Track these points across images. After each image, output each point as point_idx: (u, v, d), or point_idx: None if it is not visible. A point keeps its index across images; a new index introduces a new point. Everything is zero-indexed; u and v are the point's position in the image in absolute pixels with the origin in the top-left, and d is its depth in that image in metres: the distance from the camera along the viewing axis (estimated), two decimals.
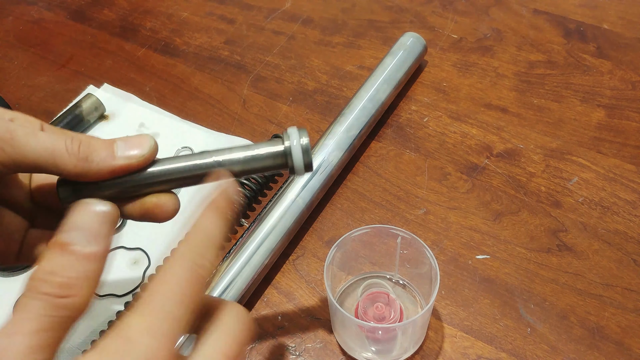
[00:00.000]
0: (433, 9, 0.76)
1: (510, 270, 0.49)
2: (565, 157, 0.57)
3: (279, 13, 0.78)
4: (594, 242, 0.51)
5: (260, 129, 0.63)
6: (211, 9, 0.80)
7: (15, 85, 0.72)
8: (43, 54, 0.76)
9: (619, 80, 0.64)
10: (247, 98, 0.67)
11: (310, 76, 0.69)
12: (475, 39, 0.71)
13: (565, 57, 0.67)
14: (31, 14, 0.83)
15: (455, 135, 0.60)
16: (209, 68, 0.71)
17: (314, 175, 0.53)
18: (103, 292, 0.49)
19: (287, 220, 0.51)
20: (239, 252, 0.48)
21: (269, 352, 0.46)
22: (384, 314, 0.44)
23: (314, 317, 0.48)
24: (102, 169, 0.29)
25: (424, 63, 0.69)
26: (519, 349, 0.45)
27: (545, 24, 0.72)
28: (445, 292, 0.48)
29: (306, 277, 0.51)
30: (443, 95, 0.65)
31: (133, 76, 0.71)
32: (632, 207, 0.53)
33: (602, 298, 0.47)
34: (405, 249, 0.45)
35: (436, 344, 0.46)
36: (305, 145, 0.31)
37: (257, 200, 0.57)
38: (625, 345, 0.44)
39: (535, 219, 0.53)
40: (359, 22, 0.75)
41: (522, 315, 0.47)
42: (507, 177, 0.56)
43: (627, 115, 0.61)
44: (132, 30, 0.78)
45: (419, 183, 0.56)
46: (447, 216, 0.53)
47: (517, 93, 0.64)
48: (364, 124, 0.58)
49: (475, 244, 0.51)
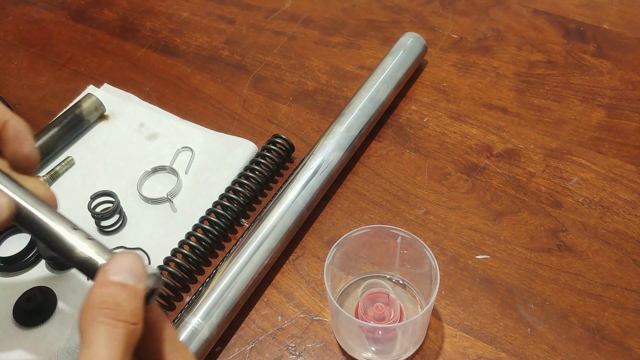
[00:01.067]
0: (433, 9, 0.76)
1: (510, 270, 0.49)
2: (565, 157, 0.57)
3: (279, 13, 0.78)
4: (594, 242, 0.51)
5: (260, 128, 0.63)
6: (211, 9, 0.80)
7: (15, 85, 0.72)
8: (43, 54, 0.76)
9: (619, 80, 0.64)
10: (247, 98, 0.67)
11: (310, 76, 0.69)
12: (475, 39, 0.71)
13: (565, 57, 0.67)
14: (31, 14, 0.83)
15: (455, 135, 0.60)
16: (209, 68, 0.71)
17: (314, 175, 0.53)
18: None
19: (287, 220, 0.51)
20: (239, 252, 0.48)
21: (269, 352, 0.46)
22: (384, 314, 0.44)
23: (314, 317, 0.48)
24: None
25: (424, 63, 0.69)
26: (519, 349, 0.45)
27: (545, 24, 0.72)
28: (445, 292, 0.48)
29: (306, 277, 0.51)
30: (443, 95, 0.65)
31: (133, 76, 0.71)
32: (632, 207, 0.53)
33: (602, 298, 0.47)
34: (405, 249, 0.45)
35: (436, 344, 0.46)
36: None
37: (257, 200, 0.57)
38: (625, 345, 0.44)
39: (536, 219, 0.53)
40: (359, 22, 0.75)
41: (522, 315, 0.47)
42: (507, 177, 0.56)
43: (627, 115, 0.61)
44: (132, 30, 0.78)
45: (419, 183, 0.56)
46: (447, 216, 0.53)
47: (517, 93, 0.64)
48: (364, 124, 0.58)
49: (475, 244, 0.51)
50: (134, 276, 0.28)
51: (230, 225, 0.53)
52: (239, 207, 0.54)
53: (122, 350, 0.26)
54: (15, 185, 0.30)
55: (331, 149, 0.55)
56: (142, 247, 0.53)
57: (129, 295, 0.27)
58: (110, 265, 0.28)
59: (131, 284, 0.28)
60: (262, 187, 0.56)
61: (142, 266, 0.29)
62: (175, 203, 0.56)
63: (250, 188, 0.55)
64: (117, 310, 0.26)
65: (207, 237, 0.51)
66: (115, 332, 0.26)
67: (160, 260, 0.50)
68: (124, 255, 0.29)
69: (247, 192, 0.55)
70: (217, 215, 0.53)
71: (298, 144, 0.61)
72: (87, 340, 0.26)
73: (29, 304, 0.48)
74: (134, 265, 0.28)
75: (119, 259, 0.29)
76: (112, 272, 0.28)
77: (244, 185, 0.55)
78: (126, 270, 0.28)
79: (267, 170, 0.56)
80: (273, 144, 0.58)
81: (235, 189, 0.55)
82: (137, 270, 0.28)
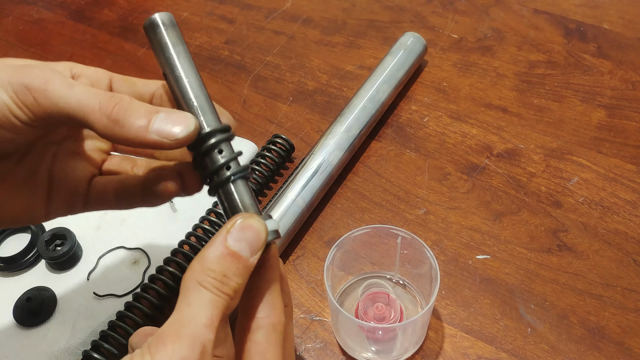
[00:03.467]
0: (433, 8, 0.76)
1: (511, 270, 0.49)
2: (565, 157, 0.57)
3: (279, 13, 0.78)
4: (594, 242, 0.51)
5: (260, 128, 0.63)
6: (211, 9, 0.80)
7: None
8: (43, 54, 0.76)
9: (619, 80, 0.64)
10: (247, 98, 0.67)
11: (310, 76, 0.69)
12: (476, 39, 0.71)
13: (565, 57, 0.67)
14: (31, 14, 0.83)
15: (455, 135, 0.60)
16: (209, 68, 0.71)
17: (314, 175, 0.53)
18: (103, 292, 0.49)
19: (287, 220, 0.51)
20: None
21: None
22: (384, 314, 0.44)
23: (314, 317, 0.48)
24: (132, 138, 0.28)
25: (424, 63, 0.69)
26: (519, 349, 0.45)
27: (546, 23, 0.72)
28: (446, 292, 0.48)
29: (306, 277, 0.51)
30: (443, 95, 0.65)
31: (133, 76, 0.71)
32: (632, 207, 0.53)
33: (602, 298, 0.47)
34: (406, 249, 0.45)
35: (436, 344, 0.46)
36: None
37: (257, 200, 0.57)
38: (625, 345, 0.44)
39: (536, 219, 0.53)
40: (359, 22, 0.75)
41: (522, 315, 0.47)
42: (507, 177, 0.56)
43: (627, 115, 0.61)
44: (132, 30, 0.78)
45: (419, 183, 0.56)
46: (447, 216, 0.53)
47: (518, 93, 0.64)
48: (364, 124, 0.58)
49: (476, 244, 0.51)
50: (251, 249, 0.28)
51: None
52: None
53: (219, 318, 0.26)
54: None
55: (331, 149, 0.55)
56: (142, 247, 0.53)
57: (238, 269, 0.27)
58: (234, 229, 0.28)
59: (245, 256, 0.28)
60: (262, 187, 0.56)
61: (263, 240, 0.28)
62: (175, 203, 0.56)
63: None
64: (223, 281, 0.27)
65: (207, 237, 0.51)
66: (217, 301, 0.26)
67: (160, 261, 0.50)
68: (251, 225, 0.28)
69: None
70: (217, 215, 0.53)
71: (298, 144, 0.61)
72: (188, 300, 0.26)
73: (29, 304, 0.48)
74: (256, 239, 0.28)
75: (245, 226, 0.28)
76: (233, 237, 0.28)
77: None
78: (246, 240, 0.28)
79: (267, 170, 0.56)
80: (273, 144, 0.58)
81: None
82: (257, 244, 0.28)
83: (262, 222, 0.29)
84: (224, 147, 0.30)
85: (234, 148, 0.31)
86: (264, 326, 0.29)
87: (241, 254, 0.27)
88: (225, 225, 0.28)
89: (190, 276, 0.27)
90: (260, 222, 0.29)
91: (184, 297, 0.27)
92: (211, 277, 0.27)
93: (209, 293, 0.26)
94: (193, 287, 0.27)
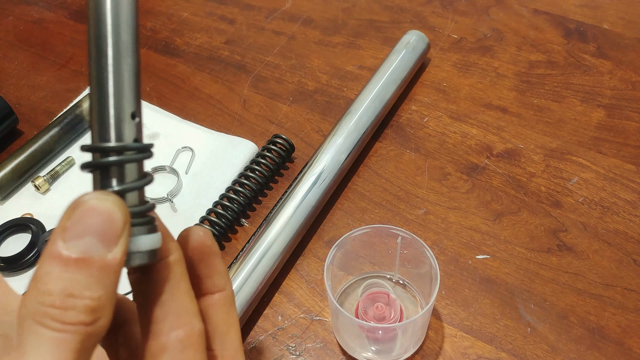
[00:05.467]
0: (433, 9, 0.76)
1: (510, 270, 0.49)
2: (565, 157, 0.57)
3: (279, 13, 0.78)
4: (594, 242, 0.51)
5: (260, 129, 0.63)
6: (211, 9, 0.80)
7: (16, 85, 0.72)
8: (43, 54, 0.76)
9: (619, 80, 0.64)
10: (247, 98, 0.67)
11: (310, 76, 0.69)
12: (476, 39, 0.71)
13: (565, 57, 0.67)
14: (31, 14, 0.83)
15: (455, 135, 0.60)
16: (209, 68, 0.71)
17: (317, 180, 0.53)
18: None
19: (292, 226, 0.50)
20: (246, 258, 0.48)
21: (269, 352, 0.46)
22: (384, 314, 0.45)
23: (314, 317, 0.48)
24: None
25: (427, 61, 0.69)
26: (519, 349, 0.45)
27: (546, 24, 0.72)
28: (446, 292, 0.48)
29: (306, 277, 0.51)
30: (443, 95, 0.65)
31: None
32: (632, 207, 0.53)
33: (602, 298, 0.47)
34: (406, 249, 0.45)
35: (436, 344, 0.46)
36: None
37: (257, 200, 0.57)
38: (625, 345, 0.45)
39: (536, 219, 0.53)
40: (359, 22, 0.75)
41: (522, 315, 0.47)
42: (507, 177, 0.56)
43: (627, 115, 0.61)
44: None
45: (419, 183, 0.56)
46: (447, 216, 0.53)
47: (517, 93, 0.64)
48: (369, 124, 0.58)
49: (476, 244, 0.51)
50: (104, 240, 0.19)
51: (230, 225, 0.53)
52: (239, 207, 0.54)
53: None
54: None
55: (336, 152, 0.55)
56: None
57: (90, 277, 0.19)
58: (70, 224, 0.19)
59: (96, 255, 0.19)
60: (262, 187, 0.56)
61: (119, 222, 0.19)
62: (175, 203, 0.56)
63: (250, 188, 0.55)
64: (66, 306, 0.18)
65: None
66: (63, 339, 0.18)
67: None
68: (93, 207, 0.19)
69: (247, 192, 0.55)
70: (217, 215, 0.53)
71: (298, 144, 0.61)
72: (23, 347, 0.18)
73: None
74: (107, 222, 0.19)
75: (86, 213, 0.19)
76: (70, 234, 0.19)
77: (245, 185, 0.55)
78: (92, 231, 0.19)
79: (267, 170, 0.56)
80: (273, 144, 0.58)
81: (236, 189, 0.55)
82: (111, 230, 0.19)
83: (112, 197, 0.20)
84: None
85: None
86: (170, 346, 0.21)
87: (90, 254, 0.19)
88: (60, 222, 0.19)
89: (24, 312, 0.19)
90: (107, 198, 0.19)
91: (19, 344, 0.18)
92: (48, 306, 0.18)
93: (48, 331, 0.18)
94: (27, 328, 0.18)
